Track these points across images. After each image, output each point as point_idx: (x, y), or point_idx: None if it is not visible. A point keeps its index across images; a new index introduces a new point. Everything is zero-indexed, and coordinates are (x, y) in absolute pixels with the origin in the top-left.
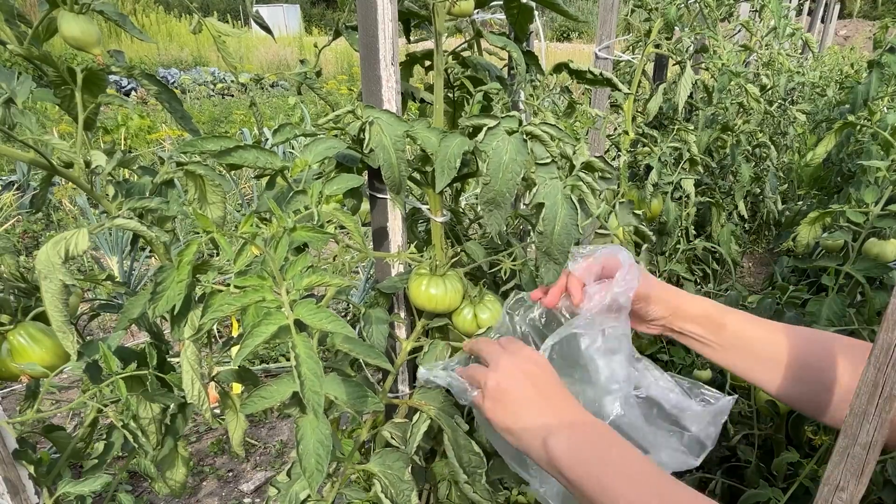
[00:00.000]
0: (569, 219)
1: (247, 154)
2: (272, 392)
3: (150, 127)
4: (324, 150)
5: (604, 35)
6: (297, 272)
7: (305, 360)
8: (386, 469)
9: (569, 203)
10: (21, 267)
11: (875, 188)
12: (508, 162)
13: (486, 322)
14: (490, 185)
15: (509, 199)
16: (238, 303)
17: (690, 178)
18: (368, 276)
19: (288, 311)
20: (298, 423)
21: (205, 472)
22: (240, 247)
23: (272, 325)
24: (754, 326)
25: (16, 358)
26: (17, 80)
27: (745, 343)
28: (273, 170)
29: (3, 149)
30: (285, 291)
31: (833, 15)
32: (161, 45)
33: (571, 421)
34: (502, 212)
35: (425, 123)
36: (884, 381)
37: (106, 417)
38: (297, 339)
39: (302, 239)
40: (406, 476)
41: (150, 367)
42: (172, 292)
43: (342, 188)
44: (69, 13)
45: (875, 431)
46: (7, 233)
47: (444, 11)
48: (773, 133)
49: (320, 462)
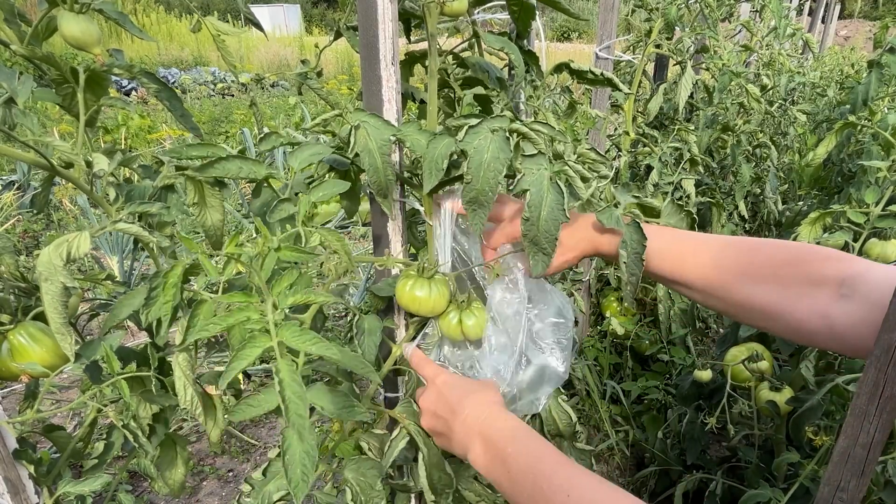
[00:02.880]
0: (555, 204)
1: (230, 165)
2: (260, 401)
3: (150, 127)
4: (309, 156)
5: (604, 35)
6: (283, 289)
7: (289, 384)
8: (359, 477)
9: (555, 188)
10: (21, 267)
11: (876, 188)
12: (490, 160)
13: (470, 328)
14: (472, 185)
15: (492, 198)
16: (223, 323)
17: (691, 178)
18: (369, 275)
19: (273, 331)
20: (284, 434)
21: (205, 472)
22: (223, 266)
23: (257, 348)
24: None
25: (16, 357)
26: (18, 80)
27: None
28: (258, 178)
29: (3, 149)
30: (271, 308)
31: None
32: (161, 44)
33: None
34: (485, 210)
35: (416, 126)
36: (884, 381)
37: (106, 417)
38: (281, 364)
39: (287, 258)
40: (377, 486)
41: (150, 368)
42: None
43: (329, 194)
44: (69, 12)
45: (876, 431)
46: (7, 232)
47: (435, 11)
48: (774, 133)
49: (306, 473)
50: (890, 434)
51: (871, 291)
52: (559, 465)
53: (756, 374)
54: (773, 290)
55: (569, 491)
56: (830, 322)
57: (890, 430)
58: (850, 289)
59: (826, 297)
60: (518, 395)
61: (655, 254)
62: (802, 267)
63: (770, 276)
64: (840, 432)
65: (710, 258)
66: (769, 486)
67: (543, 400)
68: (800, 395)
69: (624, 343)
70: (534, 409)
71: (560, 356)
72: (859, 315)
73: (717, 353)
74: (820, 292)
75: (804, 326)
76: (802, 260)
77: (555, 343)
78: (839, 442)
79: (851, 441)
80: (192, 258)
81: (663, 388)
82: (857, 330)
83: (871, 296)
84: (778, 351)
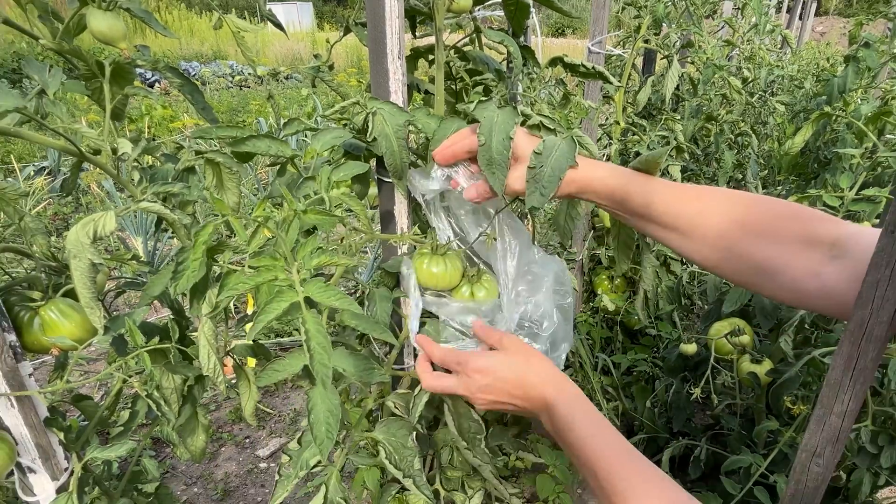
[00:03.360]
0: (504, 125)
1: (259, 143)
2: (284, 365)
3: (172, 116)
4: (331, 139)
5: (596, 31)
6: (308, 253)
7: (315, 335)
8: (390, 437)
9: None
10: (52, 247)
11: (850, 174)
12: (500, 122)
13: (482, 299)
14: (486, 146)
15: (506, 157)
16: (252, 282)
17: (677, 164)
18: (376, 255)
19: (299, 288)
20: (309, 394)
21: (223, 439)
22: (254, 229)
23: (284, 302)
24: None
25: (47, 332)
26: (49, 73)
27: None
28: (284, 157)
29: (35, 136)
30: (296, 271)
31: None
32: (183, 40)
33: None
34: (502, 171)
35: (425, 111)
36: (858, 354)
37: (131, 388)
38: (306, 315)
39: (312, 222)
40: (409, 443)
41: (172, 341)
42: (187, 279)
43: (349, 174)
44: (97, 10)
45: (850, 401)
46: (39, 215)
47: (443, 8)
48: (755, 122)
49: (330, 430)
50: (863, 403)
51: (862, 253)
52: (616, 464)
53: (738, 348)
54: (770, 245)
55: (627, 498)
56: (822, 281)
57: (863, 400)
58: (841, 250)
59: (819, 255)
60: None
61: (658, 195)
62: (798, 224)
63: (769, 229)
64: (816, 402)
65: (714, 204)
66: (750, 452)
67: (563, 358)
68: (779, 367)
69: (614, 318)
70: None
71: (563, 321)
72: (849, 276)
73: (701, 327)
74: (813, 251)
75: (797, 285)
76: (797, 217)
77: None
78: (815, 411)
79: (827, 410)
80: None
81: (651, 360)
82: (847, 290)
83: (862, 257)
84: (758, 326)
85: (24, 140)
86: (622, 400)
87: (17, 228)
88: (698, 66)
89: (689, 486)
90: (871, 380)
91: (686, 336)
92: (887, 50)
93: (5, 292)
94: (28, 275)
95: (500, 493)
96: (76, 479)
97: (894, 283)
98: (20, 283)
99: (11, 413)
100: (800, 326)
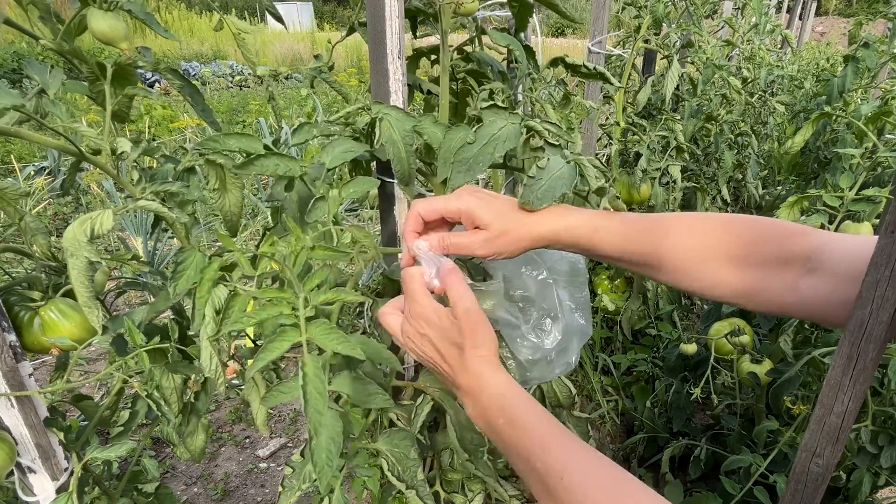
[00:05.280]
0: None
1: (267, 162)
2: (290, 388)
3: (172, 116)
4: (341, 153)
5: (596, 31)
6: (315, 285)
7: (312, 379)
8: (393, 448)
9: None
10: (52, 247)
11: (850, 174)
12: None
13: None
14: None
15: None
16: (256, 317)
17: (677, 164)
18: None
19: (303, 326)
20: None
21: (223, 439)
22: (258, 262)
23: (286, 342)
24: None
25: (46, 332)
26: (50, 73)
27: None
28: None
29: (35, 136)
30: (303, 303)
31: (810, 12)
32: (183, 40)
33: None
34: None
35: (431, 119)
36: (857, 355)
37: (131, 388)
38: (307, 359)
39: (320, 258)
40: (412, 454)
41: (171, 341)
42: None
43: (359, 191)
44: (98, 10)
45: (850, 401)
46: (39, 215)
47: (450, 11)
48: (755, 122)
49: (330, 458)
50: (862, 404)
51: (837, 264)
52: (550, 442)
53: (738, 348)
54: (746, 270)
55: (562, 473)
56: (801, 295)
57: (863, 401)
58: (816, 262)
59: (795, 272)
60: (553, 356)
61: (622, 237)
62: (771, 246)
63: (741, 255)
64: (816, 402)
65: (684, 238)
66: (750, 452)
67: (576, 356)
68: (779, 367)
69: (615, 318)
70: (569, 368)
71: (581, 313)
72: (828, 287)
73: (701, 327)
74: (789, 269)
75: (778, 300)
76: (769, 239)
77: (573, 300)
78: (815, 411)
79: (827, 410)
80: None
81: (651, 360)
82: (828, 301)
83: (837, 268)
84: (758, 325)
85: (24, 140)
86: (622, 400)
87: (18, 228)
88: (698, 66)
89: (689, 485)
90: (871, 380)
91: (686, 336)
92: (887, 50)
93: (5, 292)
94: (28, 275)
95: (500, 495)
96: (76, 479)
97: (894, 283)
98: (20, 283)
99: (11, 413)
100: (800, 326)
